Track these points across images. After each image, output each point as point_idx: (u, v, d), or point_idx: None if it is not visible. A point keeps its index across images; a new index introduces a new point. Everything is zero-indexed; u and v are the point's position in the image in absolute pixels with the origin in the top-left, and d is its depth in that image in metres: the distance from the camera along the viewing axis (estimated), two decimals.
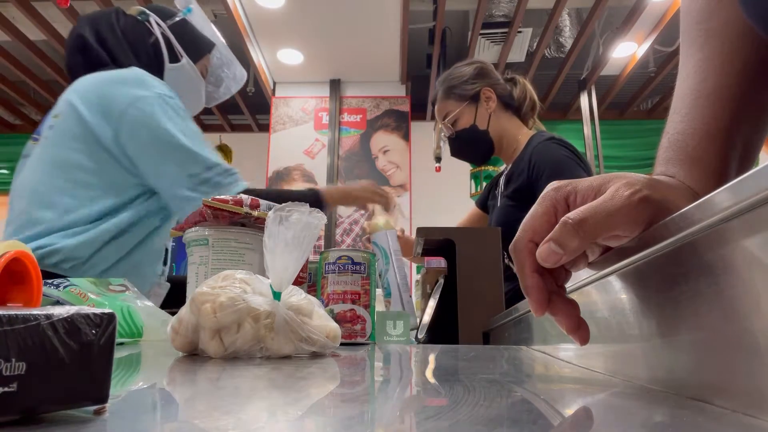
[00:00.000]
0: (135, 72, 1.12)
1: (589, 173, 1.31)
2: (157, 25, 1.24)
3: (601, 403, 0.30)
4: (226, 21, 3.02)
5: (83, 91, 1.09)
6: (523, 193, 1.32)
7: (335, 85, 3.88)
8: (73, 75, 1.19)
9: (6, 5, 2.91)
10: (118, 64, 1.18)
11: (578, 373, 0.43)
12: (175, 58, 1.25)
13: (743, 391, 0.24)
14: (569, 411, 0.29)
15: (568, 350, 0.50)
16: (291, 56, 3.60)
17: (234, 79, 1.44)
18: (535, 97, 1.52)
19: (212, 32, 1.38)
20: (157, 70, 1.21)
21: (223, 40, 1.42)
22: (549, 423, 0.25)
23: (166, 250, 1.24)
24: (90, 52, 1.18)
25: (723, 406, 0.25)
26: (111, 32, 1.20)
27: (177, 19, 1.28)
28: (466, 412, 0.25)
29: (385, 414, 0.27)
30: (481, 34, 3.22)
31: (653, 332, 0.32)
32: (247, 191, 1.08)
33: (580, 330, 0.36)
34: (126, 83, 1.08)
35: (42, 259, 0.99)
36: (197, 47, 1.31)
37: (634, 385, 0.34)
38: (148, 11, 1.25)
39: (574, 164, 1.27)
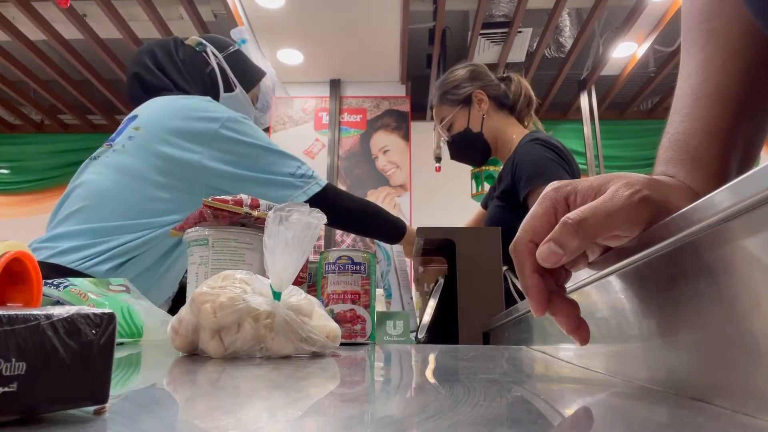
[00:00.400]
0: (210, 99, 1.19)
1: (574, 174, 1.30)
2: (213, 56, 1.29)
3: (601, 403, 0.30)
4: (226, 21, 3.02)
5: (166, 115, 1.12)
6: (510, 194, 1.32)
7: (335, 85, 3.88)
8: (135, 102, 1.22)
9: (6, 5, 2.91)
10: (180, 89, 1.21)
11: (578, 373, 0.43)
12: (229, 87, 1.30)
13: (743, 391, 0.24)
14: (569, 411, 0.29)
15: (568, 350, 0.50)
16: (291, 56, 3.60)
17: None
18: (531, 93, 1.52)
19: (262, 59, 1.43)
20: (213, 99, 1.23)
21: (274, 70, 1.47)
22: (549, 423, 0.25)
23: None
24: (152, 79, 1.21)
25: (723, 406, 0.25)
26: (170, 59, 1.24)
27: (231, 50, 1.33)
28: (466, 412, 0.25)
29: (385, 414, 0.27)
30: (481, 34, 3.21)
31: (653, 332, 0.32)
32: (331, 187, 1.20)
33: (580, 330, 0.36)
34: (207, 109, 1.13)
35: (86, 258, 1.00)
36: (250, 77, 1.36)
37: (634, 385, 0.34)
38: (205, 42, 1.30)
39: (555, 165, 1.26)
